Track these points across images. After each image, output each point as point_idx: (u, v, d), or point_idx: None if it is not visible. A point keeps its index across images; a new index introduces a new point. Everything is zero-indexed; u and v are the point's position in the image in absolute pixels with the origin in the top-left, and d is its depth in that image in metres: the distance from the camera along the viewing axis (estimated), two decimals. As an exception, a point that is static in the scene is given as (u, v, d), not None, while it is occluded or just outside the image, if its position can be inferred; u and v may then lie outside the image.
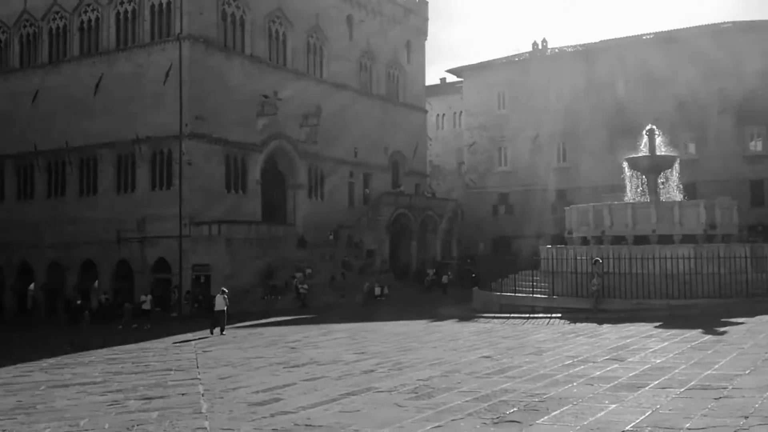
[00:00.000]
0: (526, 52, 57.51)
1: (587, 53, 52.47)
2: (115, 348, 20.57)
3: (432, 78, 73.36)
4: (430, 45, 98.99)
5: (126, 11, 39.06)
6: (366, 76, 50.10)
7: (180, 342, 21.49)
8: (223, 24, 38.99)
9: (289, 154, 43.00)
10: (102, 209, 39.12)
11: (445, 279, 41.03)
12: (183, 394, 10.91)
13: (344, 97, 47.01)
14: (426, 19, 56.56)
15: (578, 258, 23.34)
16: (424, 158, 56.95)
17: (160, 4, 37.96)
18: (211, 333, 23.44)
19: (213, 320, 23.97)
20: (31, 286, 41.80)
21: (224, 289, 25.25)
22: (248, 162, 40.01)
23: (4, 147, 42.21)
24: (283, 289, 37.48)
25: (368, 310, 32.16)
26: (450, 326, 22.10)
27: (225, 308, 24.04)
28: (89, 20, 40.24)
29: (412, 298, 37.50)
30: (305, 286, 36.70)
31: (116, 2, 39.22)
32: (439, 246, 49.75)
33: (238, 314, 33.28)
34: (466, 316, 24.54)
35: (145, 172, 38.05)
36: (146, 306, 30.66)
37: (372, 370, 12.61)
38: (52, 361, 17.49)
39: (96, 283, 39.35)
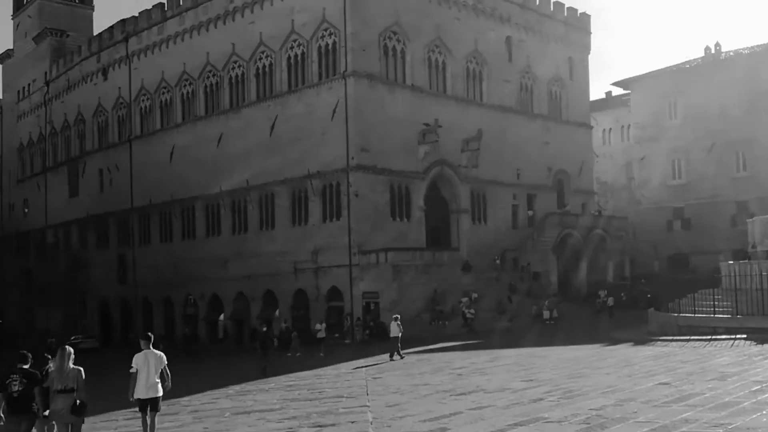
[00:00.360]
0: (697, 58, 53.91)
1: (766, 55, 48.24)
2: (291, 375, 21.72)
3: (596, 92, 70.82)
4: (593, 58, 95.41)
5: (296, 55, 41.67)
6: (527, 96, 49.46)
7: (352, 369, 22.25)
8: (384, 58, 40.40)
9: (451, 179, 43.37)
10: (279, 242, 41.68)
11: (610, 301, 38.96)
12: (352, 422, 11.29)
13: (505, 118, 46.70)
14: (588, 33, 54.88)
15: (764, 273, 21.39)
16: (591, 175, 54.90)
17: (327, 45, 40.12)
18: (391, 358, 24.36)
19: (390, 346, 25.01)
20: (221, 316, 45.24)
21: (397, 316, 26.21)
22: (411, 189, 40.87)
23: (195, 189, 46.43)
24: (449, 314, 37.61)
25: (537, 334, 31.38)
26: (624, 350, 21.02)
27: (399, 334, 24.99)
28: (263, 66, 43.41)
29: (583, 321, 36.06)
30: (472, 311, 36.56)
31: (287, 47, 41.97)
32: (610, 266, 47.53)
33: (406, 340, 33.83)
34: (642, 340, 23.23)
35: (317, 205, 40.08)
36: (321, 334, 32.04)
37: (541, 399, 12.31)
38: (237, 388, 18.83)
39: (277, 312, 41.80)
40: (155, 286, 49.21)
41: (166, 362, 10.70)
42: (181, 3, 48.41)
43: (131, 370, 10.51)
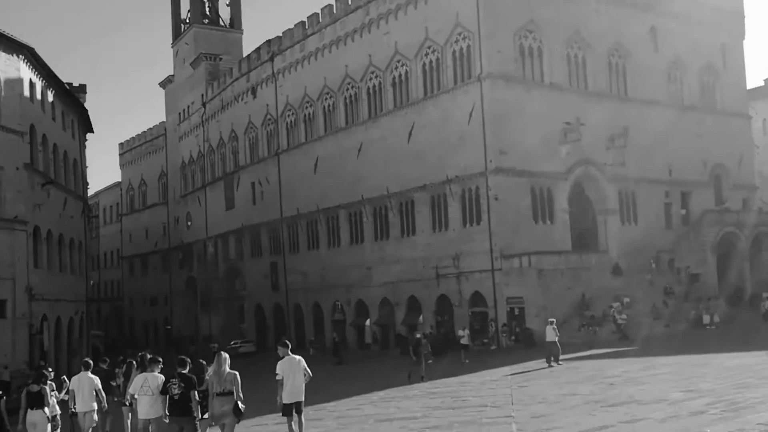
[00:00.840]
0: None
1: None
2: (436, 381, 21.72)
3: (754, 80, 65.37)
4: (748, 44, 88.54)
5: (431, 61, 41.89)
6: (676, 88, 46.56)
7: (498, 377, 21.89)
8: (520, 57, 39.64)
9: (596, 179, 41.67)
10: (420, 248, 41.98)
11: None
12: (496, 433, 11.09)
13: (652, 112, 44.24)
14: (743, 17, 50.85)
15: None
16: (752, 168, 50.63)
17: (461, 50, 39.99)
18: (548, 364, 23.99)
19: (547, 352, 24.66)
20: (368, 321, 46.32)
21: (553, 320, 25.78)
22: (554, 191, 39.70)
23: (338, 198, 47.93)
24: (600, 319, 36.08)
25: (696, 340, 29.35)
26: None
27: (556, 339, 24.67)
28: (399, 75, 44.03)
29: (748, 326, 33.26)
30: (624, 316, 34.86)
31: (422, 54, 42.31)
32: (779, 266, 43.53)
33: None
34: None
35: (457, 210, 39.96)
36: (465, 341, 31.83)
37: (702, 412, 11.47)
38: (381, 394, 19.11)
39: (421, 317, 42.11)
40: (305, 292, 51.28)
41: (305, 364, 11.16)
42: (320, 20, 50.19)
43: (277, 377, 10.99)
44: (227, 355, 10.62)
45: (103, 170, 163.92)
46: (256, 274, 57.47)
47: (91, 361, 13.71)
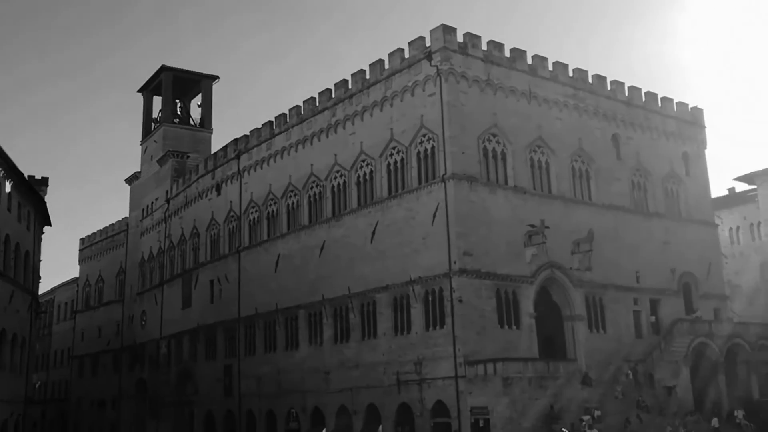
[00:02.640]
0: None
1: None
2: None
3: (718, 189, 66.53)
4: (710, 153, 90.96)
5: (395, 161, 41.49)
6: (640, 194, 46.64)
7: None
8: (485, 160, 39.42)
9: (562, 283, 40.64)
10: (382, 352, 39.99)
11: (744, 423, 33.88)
12: None
13: (617, 217, 44.00)
14: (703, 128, 52.02)
15: None
16: (721, 278, 50.16)
17: (425, 150, 39.70)
18: None
19: None
20: (323, 431, 43.37)
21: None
22: (519, 295, 38.46)
23: (298, 298, 46.10)
24: (569, 434, 33.92)
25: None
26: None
27: None
28: (364, 174, 43.46)
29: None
30: (595, 431, 32.81)
31: (386, 155, 41.94)
32: (755, 380, 42.11)
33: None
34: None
35: (419, 313, 38.38)
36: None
37: None
38: None
39: (380, 428, 39.50)
40: (258, 398, 48.35)
41: None
42: (288, 120, 50.15)
43: None
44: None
45: (62, 266, 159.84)
46: (209, 377, 54.41)
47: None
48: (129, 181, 75.82)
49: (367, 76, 43.61)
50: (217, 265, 56.13)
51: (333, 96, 46.06)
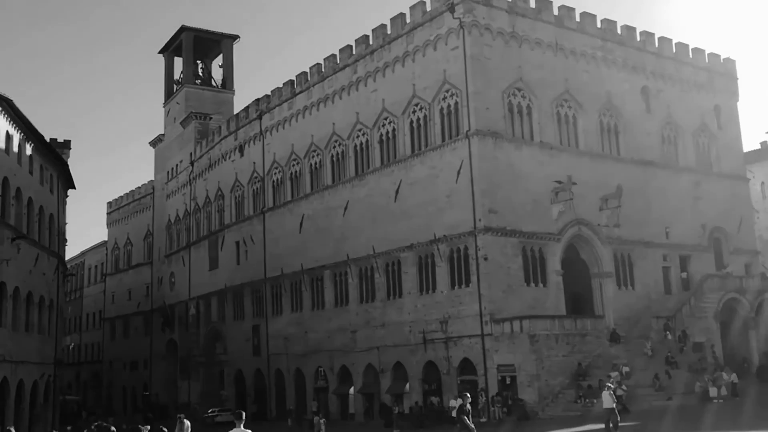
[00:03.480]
0: None
1: None
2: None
3: (750, 143, 64.71)
4: (742, 106, 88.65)
5: (418, 118, 40.80)
6: (670, 149, 45.49)
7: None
8: (510, 115, 38.57)
9: (590, 240, 40.02)
10: (407, 311, 39.94)
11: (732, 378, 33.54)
12: None
13: (647, 173, 43.01)
14: (736, 79, 50.35)
15: None
16: (752, 233, 49.09)
17: (449, 106, 38.95)
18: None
19: (605, 420, 23.51)
20: (351, 389, 43.74)
21: (609, 384, 24.63)
22: (546, 252, 37.96)
23: (323, 258, 46.07)
24: (598, 390, 33.65)
25: (704, 415, 26.99)
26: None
27: (613, 405, 23.48)
28: (387, 132, 42.87)
29: (759, 400, 30.89)
30: (624, 387, 32.51)
31: (409, 112, 41.26)
32: (786, 335, 41.35)
33: (546, 421, 30.55)
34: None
35: (445, 271, 38.12)
36: (455, 412, 29.44)
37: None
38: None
39: (407, 386, 39.68)
40: (287, 358, 48.83)
41: None
42: (308, 78, 49.51)
43: None
44: (188, 423, 9.40)
45: (91, 230, 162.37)
46: (238, 337, 55.06)
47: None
48: (153, 143, 76.07)
49: (389, 31, 42.70)
50: (242, 227, 56.29)
51: (354, 52, 45.26)
